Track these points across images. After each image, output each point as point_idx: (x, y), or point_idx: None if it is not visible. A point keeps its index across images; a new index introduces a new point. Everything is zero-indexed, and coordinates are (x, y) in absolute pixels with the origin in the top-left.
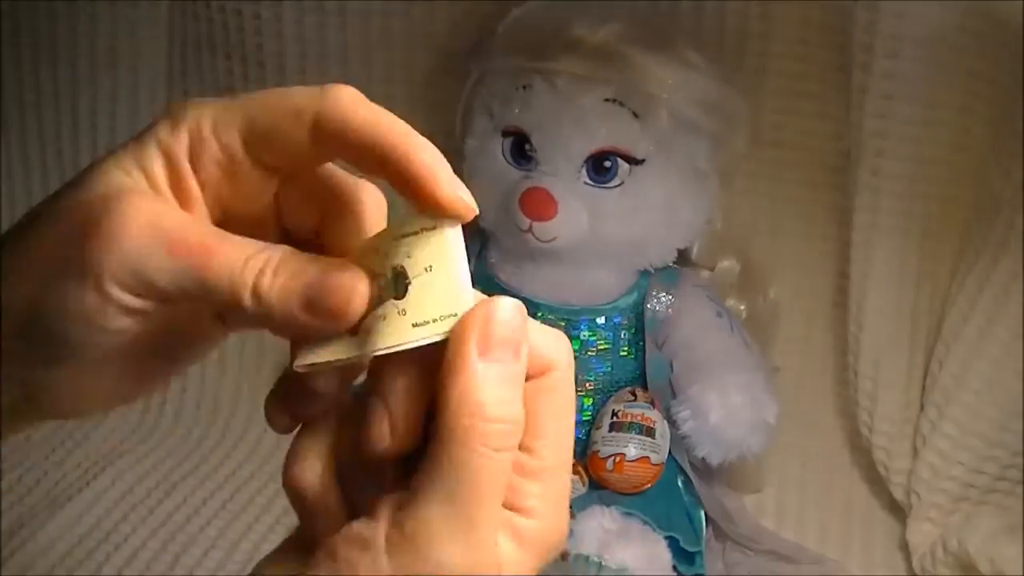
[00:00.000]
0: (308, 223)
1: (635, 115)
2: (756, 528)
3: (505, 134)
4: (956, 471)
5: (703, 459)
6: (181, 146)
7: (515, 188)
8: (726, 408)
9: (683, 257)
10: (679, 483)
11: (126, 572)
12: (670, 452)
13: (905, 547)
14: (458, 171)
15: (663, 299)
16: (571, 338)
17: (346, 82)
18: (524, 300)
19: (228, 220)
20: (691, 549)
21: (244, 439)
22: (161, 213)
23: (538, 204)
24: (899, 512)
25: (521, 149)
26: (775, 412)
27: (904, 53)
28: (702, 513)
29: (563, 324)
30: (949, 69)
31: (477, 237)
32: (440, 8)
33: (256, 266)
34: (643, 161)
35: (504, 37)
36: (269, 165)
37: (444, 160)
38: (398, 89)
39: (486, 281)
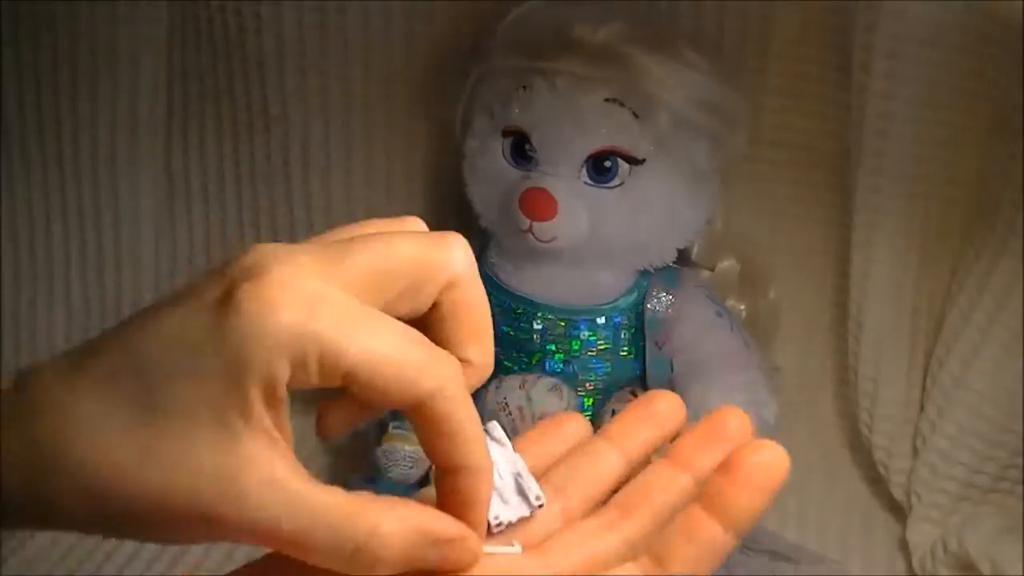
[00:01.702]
0: None
1: (635, 115)
2: (756, 528)
3: (505, 134)
4: (956, 471)
5: None
6: (282, 376)
7: (515, 188)
8: None
9: (683, 257)
10: None
11: (126, 572)
12: None
13: (905, 547)
14: (458, 171)
15: (663, 299)
16: (571, 338)
17: (347, 83)
18: (524, 300)
19: None
20: None
21: None
22: (249, 501)
23: (538, 204)
24: (899, 512)
25: (521, 149)
26: (775, 412)
27: (904, 53)
28: None
29: (563, 324)
30: (949, 69)
31: (477, 237)
32: (440, 8)
33: (365, 562)
34: (643, 161)
35: (504, 37)
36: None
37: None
38: (398, 89)
39: (486, 281)
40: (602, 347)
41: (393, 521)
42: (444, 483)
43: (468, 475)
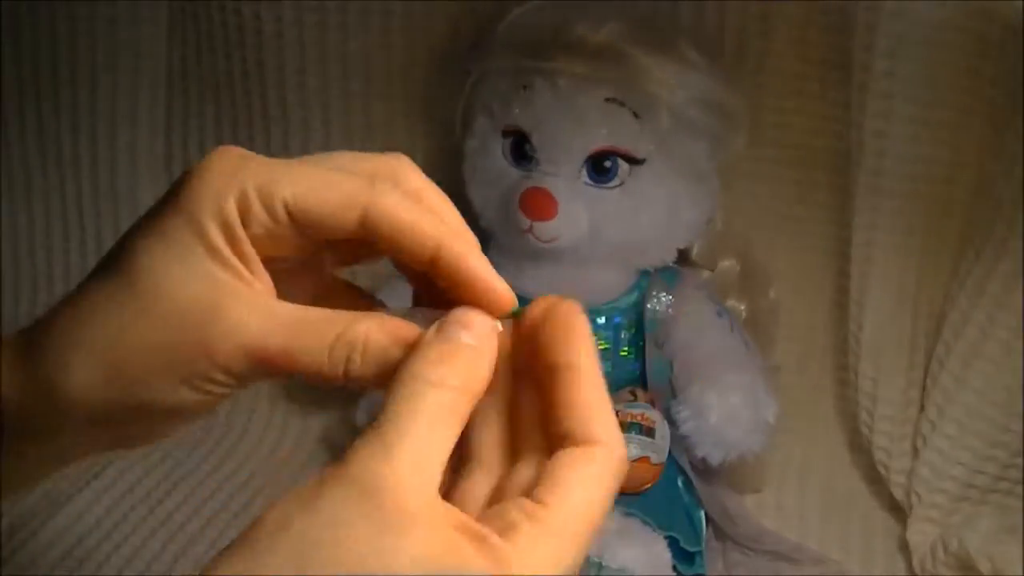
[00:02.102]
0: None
1: (635, 115)
2: (756, 528)
3: (505, 134)
4: (956, 471)
5: (703, 459)
6: (233, 214)
7: (515, 188)
8: (726, 408)
9: (683, 257)
10: (679, 483)
11: (126, 572)
12: (670, 452)
13: (905, 547)
14: (458, 171)
15: (663, 299)
16: None
17: (347, 83)
18: (524, 300)
19: (275, 261)
20: (691, 549)
21: (244, 439)
22: (240, 323)
23: (538, 204)
24: (899, 512)
25: (521, 149)
26: (775, 412)
27: (904, 53)
28: (702, 513)
29: None
30: (949, 69)
31: (477, 237)
32: (440, 8)
33: (341, 355)
34: (643, 161)
35: (504, 37)
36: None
37: (484, 257)
38: (398, 89)
39: None
40: (602, 347)
41: (371, 320)
42: (439, 280)
43: (448, 252)
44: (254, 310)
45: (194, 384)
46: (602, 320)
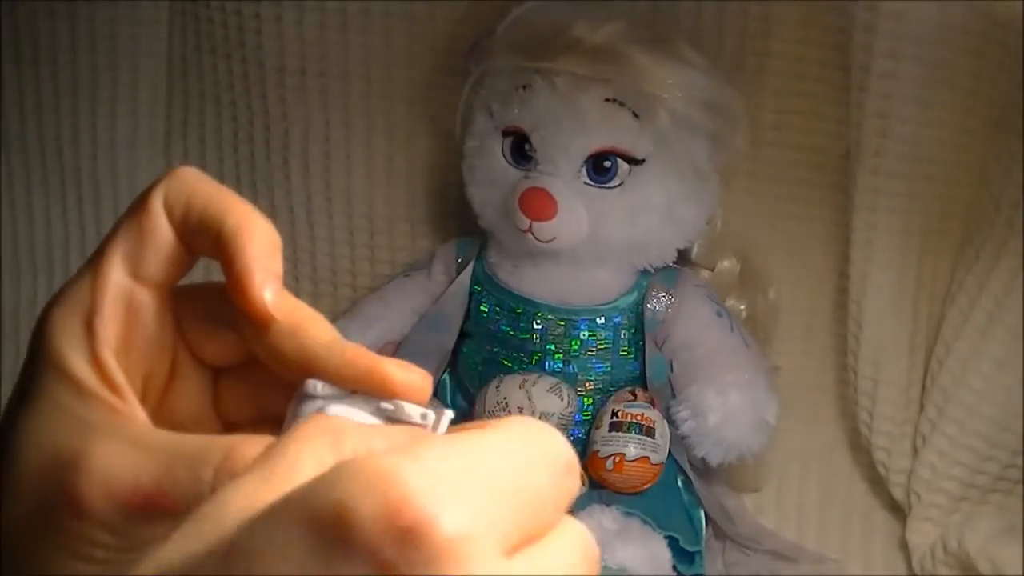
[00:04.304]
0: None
1: (635, 115)
2: (756, 528)
3: (505, 134)
4: (956, 471)
5: (703, 459)
6: (85, 331)
7: (515, 188)
8: (726, 408)
9: (683, 257)
10: (679, 483)
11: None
12: (670, 452)
13: (905, 547)
14: (458, 171)
15: (663, 299)
16: (571, 338)
17: (347, 83)
18: (524, 300)
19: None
20: (691, 549)
21: None
22: (106, 465)
23: (538, 204)
24: (899, 512)
25: (521, 149)
26: (775, 412)
27: (904, 53)
28: (702, 513)
29: (563, 324)
30: (949, 69)
31: (477, 237)
32: (440, 8)
33: (213, 468)
34: (643, 161)
35: (504, 37)
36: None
37: (271, 251)
38: (398, 89)
39: (486, 281)
40: (602, 347)
41: (251, 444)
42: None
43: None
44: (123, 445)
45: (75, 550)
46: (602, 320)
